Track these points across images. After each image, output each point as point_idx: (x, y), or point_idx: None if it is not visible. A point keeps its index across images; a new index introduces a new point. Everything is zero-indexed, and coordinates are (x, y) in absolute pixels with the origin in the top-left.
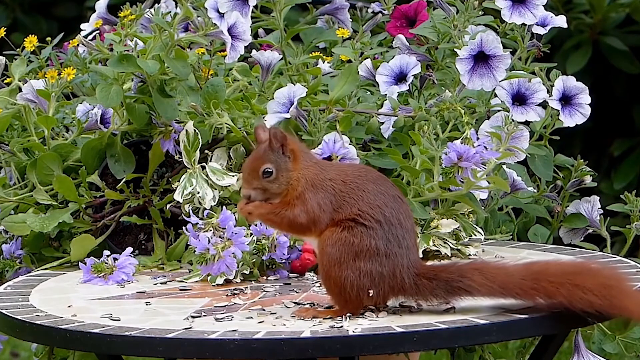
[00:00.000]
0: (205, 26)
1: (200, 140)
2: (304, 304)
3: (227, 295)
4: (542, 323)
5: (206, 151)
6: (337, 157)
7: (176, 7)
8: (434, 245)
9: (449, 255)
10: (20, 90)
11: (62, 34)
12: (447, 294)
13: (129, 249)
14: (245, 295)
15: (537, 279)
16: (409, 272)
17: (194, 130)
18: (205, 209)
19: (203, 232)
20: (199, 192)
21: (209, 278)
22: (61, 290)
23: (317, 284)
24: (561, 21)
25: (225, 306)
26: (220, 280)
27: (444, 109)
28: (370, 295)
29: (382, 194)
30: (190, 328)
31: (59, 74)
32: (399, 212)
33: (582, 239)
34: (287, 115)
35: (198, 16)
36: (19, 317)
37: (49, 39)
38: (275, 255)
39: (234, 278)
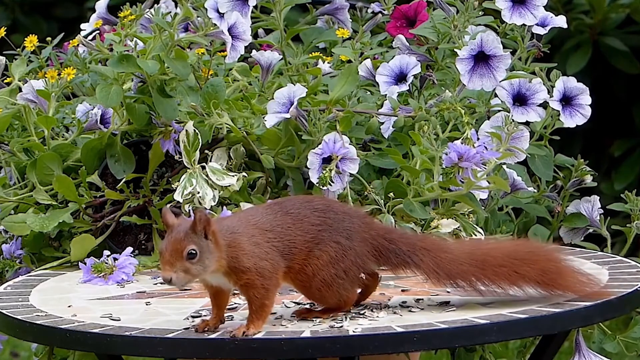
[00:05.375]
0: (205, 26)
1: (200, 140)
2: (304, 304)
3: None
4: (542, 323)
5: (206, 151)
6: (337, 157)
7: (176, 7)
8: None
9: None
10: (20, 90)
11: (62, 34)
12: (397, 265)
13: (129, 249)
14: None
15: (483, 268)
16: (370, 227)
17: (194, 130)
18: (205, 209)
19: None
20: (199, 192)
21: None
22: (61, 290)
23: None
24: (561, 21)
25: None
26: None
27: (444, 109)
28: (364, 278)
29: (301, 215)
30: (190, 328)
31: (59, 74)
32: (318, 204)
33: (583, 238)
34: (287, 115)
35: (198, 16)
36: (19, 317)
37: (49, 39)
38: None
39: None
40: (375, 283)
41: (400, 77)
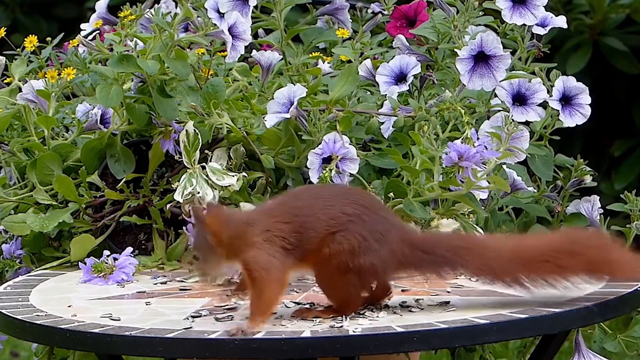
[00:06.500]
0: (205, 26)
1: (200, 140)
2: (304, 304)
3: (227, 295)
4: (542, 323)
5: (206, 151)
6: (337, 157)
7: (176, 7)
8: None
9: None
10: (20, 90)
11: (62, 34)
12: (442, 271)
13: (129, 249)
14: (245, 295)
15: (528, 265)
16: (405, 243)
17: (194, 130)
18: (205, 208)
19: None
20: (199, 192)
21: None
22: (61, 290)
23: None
24: (561, 22)
25: (225, 306)
26: (220, 280)
27: (444, 109)
28: (373, 289)
29: (334, 201)
30: (190, 328)
31: (59, 74)
32: (360, 199)
33: None
34: (287, 115)
35: (198, 16)
36: (19, 317)
37: (49, 39)
38: None
39: (234, 278)
40: (382, 296)
41: (400, 77)
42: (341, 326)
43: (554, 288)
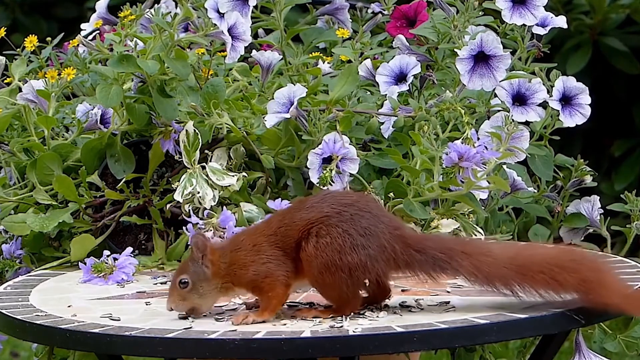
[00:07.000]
0: (205, 26)
1: (200, 140)
2: (304, 304)
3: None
4: (542, 323)
5: (206, 151)
6: (337, 157)
7: (176, 7)
8: None
9: None
10: (20, 90)
11: (62, 34)
12: (434, 272)
13: (129, 249)
14: (245, 295)
15: (522, 274)
16: (396, 240)
17: (194, 130)
18: (205, 209)
19: (203, 232)
20: (199, 192)
21: None
22: (61, 290)
23: None
24: (561, 22)
25: (225, 306)
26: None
27: (444, 109)
28: (367, 285)
29: (314, 206)
30: (190, 328)
31: (59, 74)
32: (344, 199)
33: (583, 238)
34: (287, 115)
35: (198, 16)
36: (19, 317)
37: (49, 39)
38: None
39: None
40: (382, 298)
41: (400, 77)
42: (341, 326)
43: (543, 300)
